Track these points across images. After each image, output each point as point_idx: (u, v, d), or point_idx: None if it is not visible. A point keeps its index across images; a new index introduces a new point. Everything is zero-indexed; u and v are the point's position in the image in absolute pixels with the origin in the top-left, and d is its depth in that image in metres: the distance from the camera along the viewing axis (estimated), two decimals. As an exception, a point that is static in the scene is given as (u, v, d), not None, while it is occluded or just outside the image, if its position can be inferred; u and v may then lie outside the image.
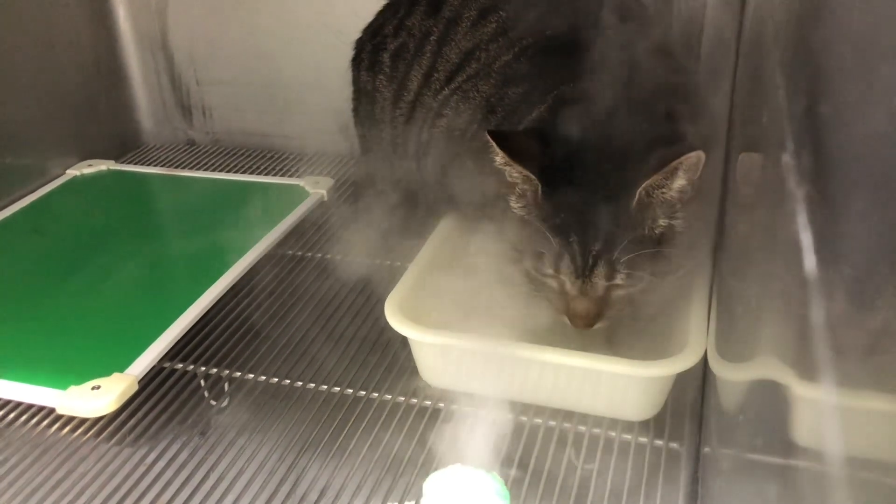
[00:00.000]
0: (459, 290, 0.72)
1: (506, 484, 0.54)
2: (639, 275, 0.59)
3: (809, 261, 0.26)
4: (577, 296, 0.61)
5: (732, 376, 0.45)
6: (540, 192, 0.61)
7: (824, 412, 0.24)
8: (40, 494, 0.57)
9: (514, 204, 0.63)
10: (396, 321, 0.64)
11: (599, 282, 0.60)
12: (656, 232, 0.60)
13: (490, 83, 0.74)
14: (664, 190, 0.59)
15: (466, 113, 0.75)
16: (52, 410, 0.64)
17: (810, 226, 0.28)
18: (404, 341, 0.67)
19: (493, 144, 0.61)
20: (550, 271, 0.61)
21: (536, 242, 0.61)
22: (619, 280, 0.60)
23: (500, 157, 0.62)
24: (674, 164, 0.57)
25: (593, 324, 0.62)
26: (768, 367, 0.34)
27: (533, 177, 0.61)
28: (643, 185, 0.58)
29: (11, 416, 0.65)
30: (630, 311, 0.63)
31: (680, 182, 0.59)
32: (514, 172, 0.62)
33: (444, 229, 0.77)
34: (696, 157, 0.57)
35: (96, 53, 1.14)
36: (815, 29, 0.35)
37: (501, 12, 0.77)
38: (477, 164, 0.70)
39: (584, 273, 0.60)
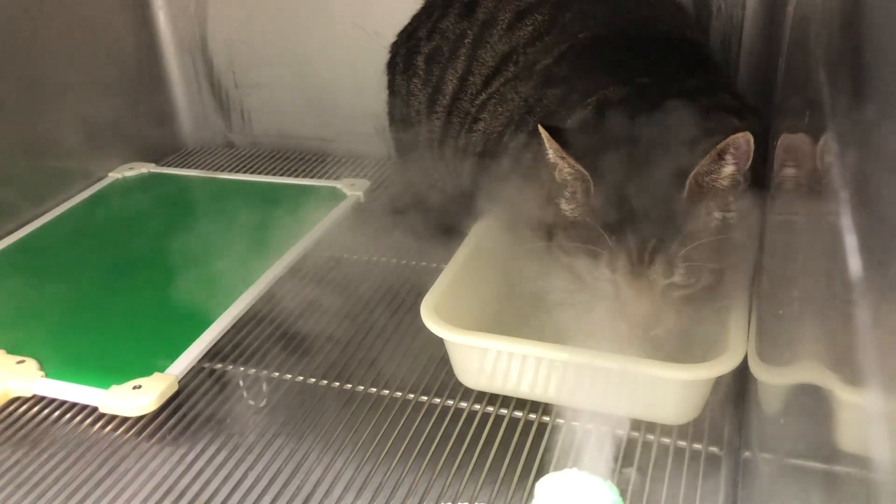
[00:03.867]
0: (495, 292, 0.72)
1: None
2: (697, 270, 0.58)
3: (854, 262, 0.26)
4: (635, 297, 0.59)
5: (774, 380, 0.45)
6: (592, 188, 0.60)
7: (870, 417, 0.23)
8: (84, 491, 0.59)
9: (566, 206, 0.62)
10: (432, 322, 0.64)
11: (658, 279, 0.58)
12: (711, 225, 0.59)
13: (529, 85, 0.74)
14: (714, 177, 0.58)
15: (504, 115, 0.75)
16: (94, 409, 0.66)
17: (855, 226, 0.27)
18: (440, 343, 0.67)
19: (547, 137, 0.60)
20: (607, 271, 0.60)
21: (590, 243, 0.60)
22: (677, 277, 0.58)
23: (552, 152, 0.61)
24: (721, 146, 0.56)
25: (653, 328, 0.60)
26: (811, 371, 0.33)
27: (585, 172, 0.60)
28: (693, 174, 0.57)
29: (56, 413, 0.66)
30: (687, 320, 0.61)
31: (729, 168, 0.58)
32: (566, 167, 0.61)
33: (480, 231, 0.77)
34: (743, 138, 0.56)
35: (138, 59, 1.16)
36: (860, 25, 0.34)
37: (538, 14, 0.77)
38: (514, 165, 0.70)
39: (641, 270, 0.58)
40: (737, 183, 0.59)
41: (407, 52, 0.86)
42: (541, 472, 0.57)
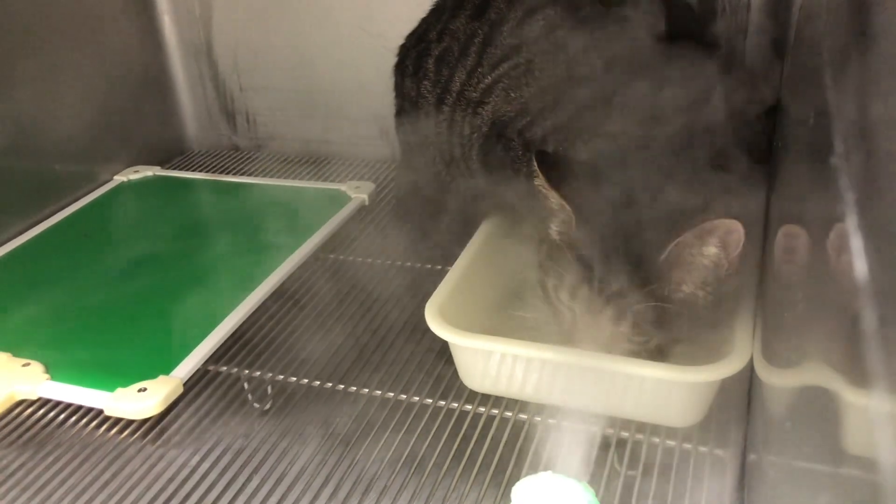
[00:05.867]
0: (500, 294, 0.72)
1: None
2: (647, 331, 0.58)
3: (860, 264, 0.26)
4: (584, 331, 0.60)
5: (779, 382, 0.45)
6: (574, 223, 0.60)
7: (876, 420, 0.23)
8: (89, 494, 0.59)
9: (554, 227, 0.62)
10: (436, 325, 0.64)
11: (606, 324, 0.58)
12: (677, 296, 0.58)
13: (549, 76, 0.72)
14: (694, 252, 0.57)
15: (518, 102, 0.74)
16: (100, 412, 0.66)
17: (861, 228, 0.27)
18: (445, 345, 0.67)
19: (536, 167, 0.60)
20: (565, 297, 0.60)
21: (562, 266, 0.60)
22: (625, 328, 0.58)
23: (539, 181, 0.61)
24: (706, 225, 0.55)
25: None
26: (817, 373, 0.33)
27: (568, 208, 0.59)
28: (675, 242, 0.56)
29: (61, 416, 0.67)
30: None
31: (711, 249, 0.57)
32: (553, 200, 0.61)
33: (486, 232, 0.77)
34: (731, 225, 0.55)
35: (143, 63, 1.16)
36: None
37: (549, 10, 0.76)
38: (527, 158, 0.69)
39: (594, 310, 0.58)
40: (719, 265, 0.57)
41: (417, 55, 0.86)
42: (546, 474, 0.57)
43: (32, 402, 0.68)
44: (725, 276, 0.58)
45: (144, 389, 0.65)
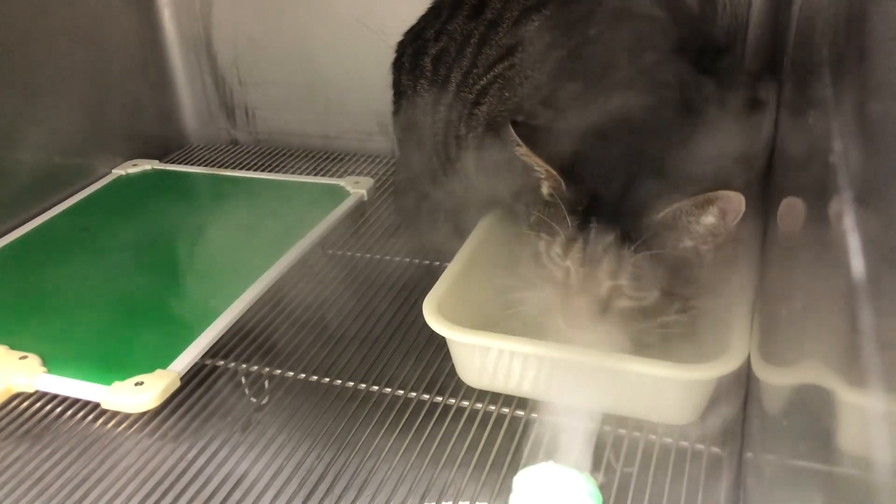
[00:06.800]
0: (499, 290, 0.71)
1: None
2: (646, 284, 0.57)
3: (857, 263, 0.26)
4: (578, 289, 0.59)
5: (776, 380, 0.45)
6: (563, 184, 0.60)
7: (872, 419, 0.23)
8: (85, 487, 0.59)
9: (545, 189, 0.63)
10: (434, 321, 0.64)
11: (604, 278, 0.58)
12: (678, 247, 0.58)
13: (542, 74, 0.73)
14: (691, 219, 0.57)
15: (512, 101, 0.74)
16: (97, 405, 0.66)
17: (858, 227, 0.27)
18: (443, 341, 0.67)
19: (515, 135, 0.60)
20: (559, 254, 0.59)
21: (555, 223, 0.60)
22: (623, 281, 0.57)
23: (520, 149, 0.61)
24: (708, 195, 0.55)
25: (585, 325, 0.59)
26: (814, 372, 0.33)
27: (553, 171, 0.60)
28: (673, 206, 0.56)
29: (58, 410, 0.66)
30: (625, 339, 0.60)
31: (709, 219, 0.57)
32: (537, 165, 0.61)
33: (484, 228, 0.77)
34: (733, 197, 0.55)
35: (142, 56, 1.16)
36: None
37: (545, 10, 0.76)
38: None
39: (591, 264, 0.57)
40: (716, 233, 0.58)
41: (414, 52, 0.86)
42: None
43: (29, 395, 0.68)
44: (721, 243, 0.58)
45: (141, 383, 0.65)
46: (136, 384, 0.65)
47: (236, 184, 1.06)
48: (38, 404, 0.67)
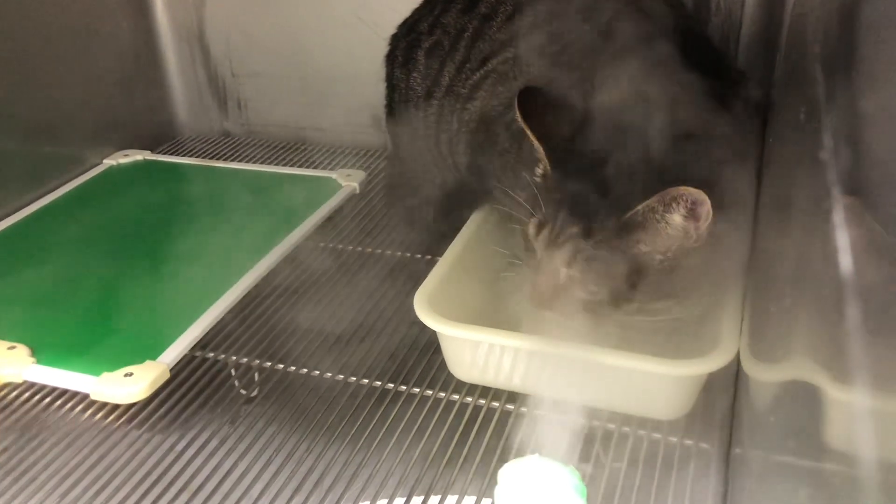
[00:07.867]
0: (490, 284, 0.72)
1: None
2: (596, 278, 0.58)
3: (846, 261, 0.26)
4: (541, 271, 0.60)
5: (765, 377, 0.45)
6: (548, 165, 0.60)
7: (858, 415, 0.23)
8: (74, 478, 0.58)
9: (537, 171, 0.63)
10: (425, 315, 0.64)
11: (561, 263, 0.58)
12: (632, 252, 0.57)
13: (535, 66, 0.73)
14: (658, 217, 0.56)
15: (504, 95, 0.74)
16: (85, 396, 0.65)
17: (847, 225, 0.27)
18: (434, 335, 0.67)
19: (517, 105, 0.61)
20: (532, 234, 0.61)
21: (539, 203, 0.61)
22: (576, 272, 0.58)
23: (518, 119, 0.61)
24: (671, 191, 0.55)
25: (545, 307, 0.60)
26: (802, 369, 0.33)
27: (542, 149, 0.60)
28: (640, 206, 0.56)
29: (47, 400, 0.66)
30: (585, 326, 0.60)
31: (676, 218, 0.56)
32: (530, 137, 0.61)
33: (475, 223, 0.77)
34: (695, 195, 0.54)
35: (134, 46, 1.15)
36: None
37: (538, 5, 0.76)
38: (517, 150, 0.69)
39: (553, 248, 0.59)
40: (687, 235, 0.57)
41: (407, 45, 0.85)
42: (531, 465, 0.57)
43: (18, 386, 0.68)
44: (692, 245, 0.58)
45: (131, 374, 0.65)
46: (126, 375, 0.65)
47: (228, 175, 1.06)
48: (26, 395, 0.67)
